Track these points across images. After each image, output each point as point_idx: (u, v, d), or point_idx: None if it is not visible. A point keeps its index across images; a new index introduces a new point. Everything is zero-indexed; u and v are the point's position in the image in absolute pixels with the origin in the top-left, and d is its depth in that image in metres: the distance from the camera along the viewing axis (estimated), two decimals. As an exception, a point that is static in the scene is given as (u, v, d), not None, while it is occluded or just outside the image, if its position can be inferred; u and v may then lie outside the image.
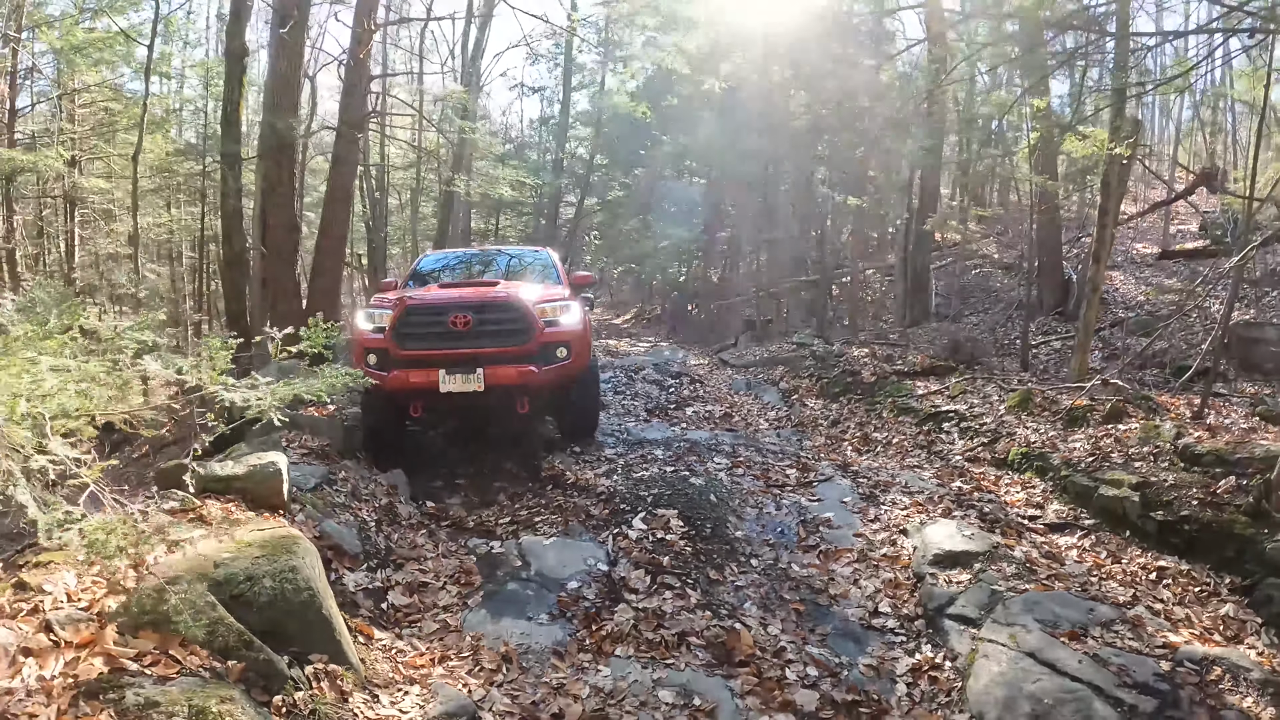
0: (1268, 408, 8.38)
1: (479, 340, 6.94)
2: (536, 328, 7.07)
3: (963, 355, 12.56)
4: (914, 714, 3.80)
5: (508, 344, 7.02)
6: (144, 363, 2.61)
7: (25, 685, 2.57)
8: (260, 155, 12.05)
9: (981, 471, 7.59)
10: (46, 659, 2.72)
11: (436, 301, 7.21)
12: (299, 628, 3.32)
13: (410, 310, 7.05)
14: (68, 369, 2.35)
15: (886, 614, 4.83)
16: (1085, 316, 10.58)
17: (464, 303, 7.08)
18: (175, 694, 2.58)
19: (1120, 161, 10.08)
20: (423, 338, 6.96)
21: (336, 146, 12.05)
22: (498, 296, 7.32)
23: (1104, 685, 3.78)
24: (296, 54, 10.89)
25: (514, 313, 7.14)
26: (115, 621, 2.96)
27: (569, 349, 7.27)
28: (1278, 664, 4.38)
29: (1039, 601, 4.63)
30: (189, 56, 20.58)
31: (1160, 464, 6.61)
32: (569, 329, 7.36)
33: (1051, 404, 8.73)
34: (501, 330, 7.06)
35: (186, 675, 2.75)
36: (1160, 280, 15.62)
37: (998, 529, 5.97)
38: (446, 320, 6.95)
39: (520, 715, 3.50)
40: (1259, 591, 5.04)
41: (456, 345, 6.90)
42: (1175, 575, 5.37)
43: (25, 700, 2.49)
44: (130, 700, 2.54)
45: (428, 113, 18.51)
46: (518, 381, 6.99)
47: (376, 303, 7.55)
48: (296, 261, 11.09)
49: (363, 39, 11.02)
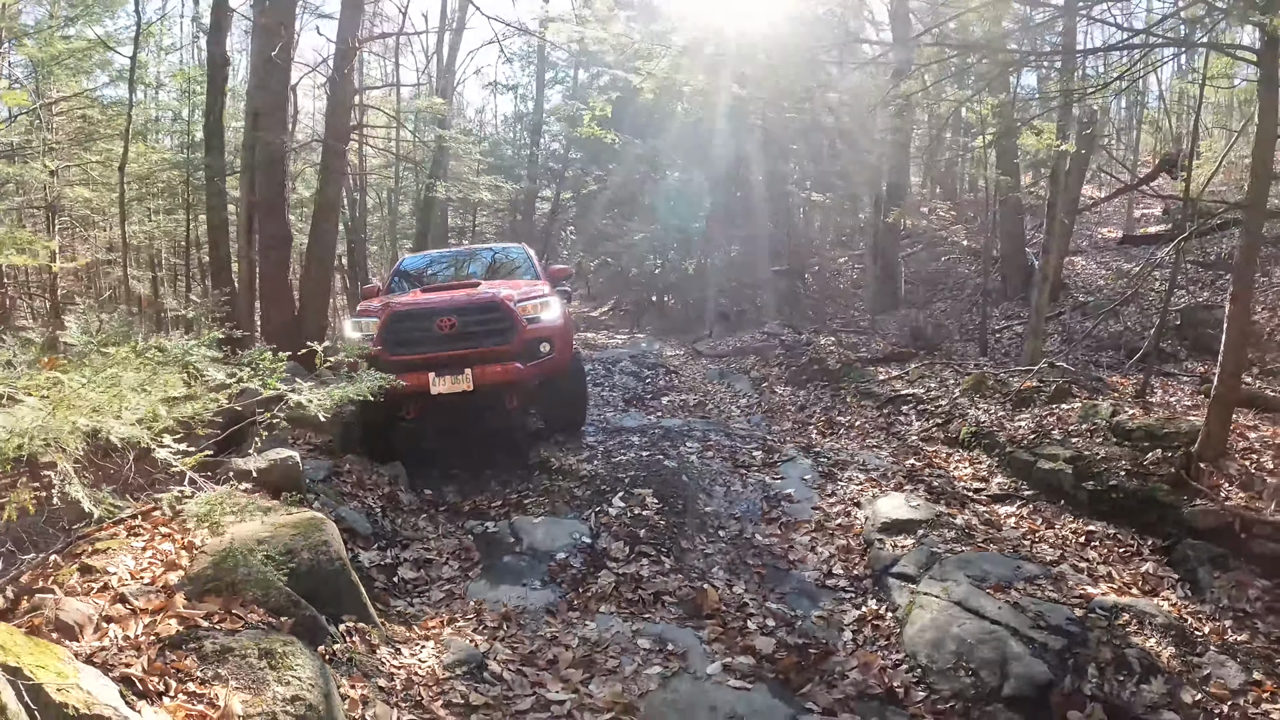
0: (1211, 386, 9.03)
1: (465, 341, 7.12)
2: (519, 326, 7.24)
3: (924, 342, 13.21)
4: (856, 655, 4.41)
5: (493, 344, 7.19)
6: (210, 372, 3.12)
7: (115, 643, 3.06)
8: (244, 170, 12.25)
9: (934, 450, 8.21)
10: (127, 623, 3.23)
11: (421, 306, 7.38)
12: (331, 593, 3.87)
13: (396, 317, 7.23)
14: (153, 381, 2.88)
15: (838, 575, 5.44)
16: (1037, 304, 11.24)
17: (448, 306, 7.27)
18: (245, 641, 3.13)
19: (1068, 157, 10.70)
20: (411, 343, 7.12)
21: (324, 159, 12.38)
22: (480, 298, 7.49)
23: (1020, 627, 4.39)
24: (285, 72, 11.21)
25: (496, 313, 7.32)
26: (182, 590, 3.50)
27: (551, 344, 7.48)
28: (1186, 612, 5.02)
29: (971, 560, 5.25)
30: (164, 62, 20.64)
31: (1095, 439, 7.23)
32: (550, 325, 7.55)
33: (1003, 386, 9.34)
34: (486, 330, 7.23)
35: (249, 629, 3.30)
36: (1120, 265, 16.12)
37: (943, 500, 6.61)
38: (433, 324, 7.14)
39: (520, 662, 4.08)
40: (1177, 551, 5.69)
41: (444, 348, 7.08)
42: (1102, 538, 6.01)
43: (119, 654, 2.98)
44: (208, 648, 3.07)
45: (405, 117, 18.85)
46: (505, 379, 7.18)
47: (363, 312, 7.75)
48: (289, 271, 11.46)
49: (347, 55, 11.38)
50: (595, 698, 3.76)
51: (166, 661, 2.99)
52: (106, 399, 2.57)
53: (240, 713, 2.79)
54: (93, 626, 3.13)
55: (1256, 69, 6.52)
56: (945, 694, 4.03)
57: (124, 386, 2.72)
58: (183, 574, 3.67)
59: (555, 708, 3.67)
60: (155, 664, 2.96)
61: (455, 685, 3.73)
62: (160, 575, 3.69)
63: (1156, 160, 19.32)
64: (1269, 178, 6.85)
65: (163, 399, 2.75)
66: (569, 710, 3.65)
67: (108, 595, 3.39)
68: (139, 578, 3.63)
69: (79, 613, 3.12)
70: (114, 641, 3.08)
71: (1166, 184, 18.44)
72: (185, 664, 2.97)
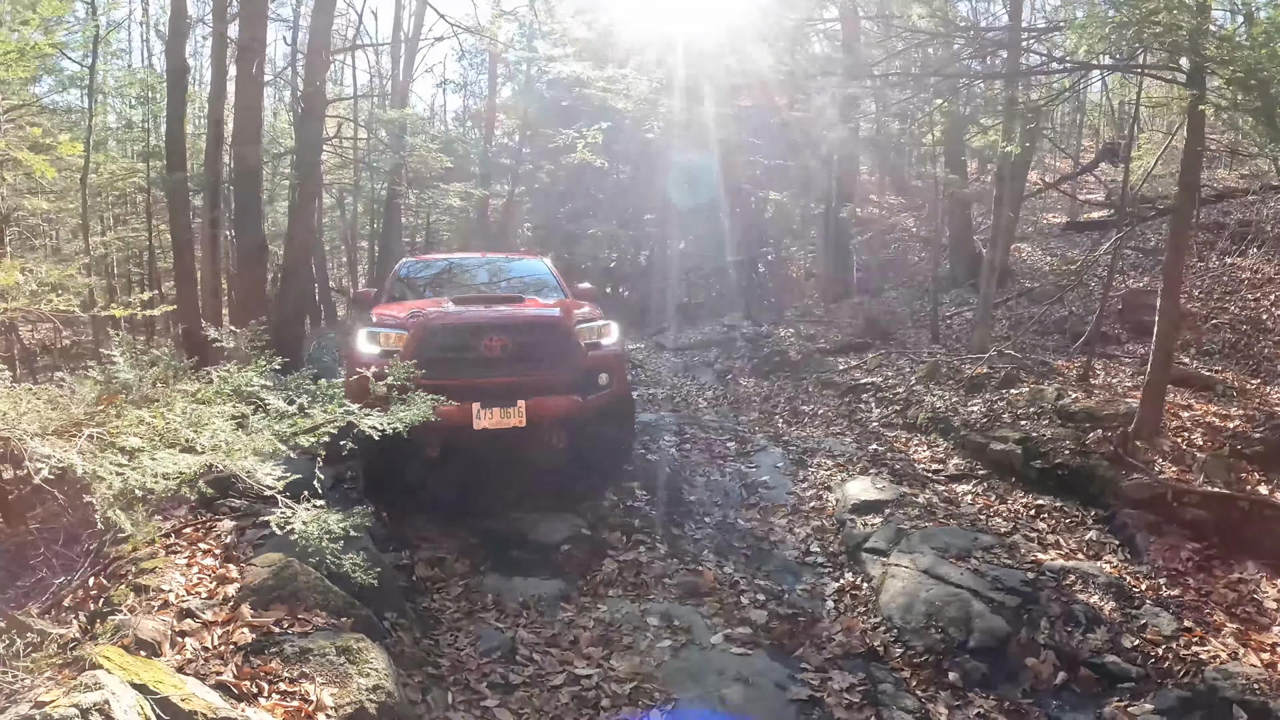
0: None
1: (517, 367, 6.08)
2: (580, 352, 6.30)
3: (878, 331, 13.78)
4: (840, 620, 4.99)
5: (550, 371, 6.16)
6: (270, 400, 3.51)
7: (199, 655, 3.34)
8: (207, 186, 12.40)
9: (895, 435, 8.80)
10: (201, 636, 3.51)
11: (466, 321, 6.28)
12: (374, 593, 4.21)
13: (434, 331, 6.09)
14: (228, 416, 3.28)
15: (816, 553, 6.03)
16: (985, 294, 11.88)
17: (496, 322, 6.26)
18: (321, 642, 3.51)
19: (1012, 156, 11.33)
20: (450, 364, 5.93)
21: (299, 171, 12.53)
22: (540, 316, 6.61)
23: (980, 590, 5.01)
24: (258, 85, 11.33)
25: (557, 334, 6.38)
26: (246, 601, 3.81)
27: (611, 375, 6.52)
28: (1125, 572, 5.65)
29: (934, 534, 5.87)
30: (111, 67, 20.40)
31: (1042, 422, 7.87)
32: (611, 352, 6.65)
33: (956, 373, 9.98)
34: (542, 355, 6.23)
35: (318, 631, 3.67)
36: (1064, 251, 16.54)
37: (906, 482, 7.21)
38: (480, 343, 6.07)
39: (545, 644, 4.57)
40: (1116, 520, 6.37)
41: (492, 373, 6.02)
42: (1050, 510, 6.65)
43: (206, 664, 3.27)
44: (289, 650, 3.43)
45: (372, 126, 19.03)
46: (563, 414, 6.23)
47: (383, 321, 6.43)
48: (266, 279, 11.66)
49: (319, 66, 11.53)
50: (617, 670, 4.26)
51: (253, 666, 3.30)
52: (222, 438, 2.95)
53: (332, 704, 3.17)
54: (168, 642, 3.38)
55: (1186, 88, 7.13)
56: (919, 649, 4.61)
57: (222, 423, 3.10)
58: (238, 586, 3.98)
59: (584, 681, 4.16)
60: (244, 669, 3.27)
61: (494, 668, 4.23)
62: (215, 589, 4.00)
63: (1099, 147, 20.06)
64: (1196, 187, 7.54)
65: (275, 434, 3.13)
66: (597, 683, 4.15)
67: (170, 611, 3.66)
68: (195, 593, 3.92)
69: (154, 630, 3.38)
70: (196, 653, 3.36)
71: (1109, 171, 19.12)
72: (271, 666, 3.31)
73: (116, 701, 2.45)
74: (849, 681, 4.27)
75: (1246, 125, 9.38)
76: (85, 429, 3.28)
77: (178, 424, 3.11)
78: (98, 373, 3.82)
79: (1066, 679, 4.43)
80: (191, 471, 2.74)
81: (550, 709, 3.94)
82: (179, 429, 3.09)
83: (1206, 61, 6.20)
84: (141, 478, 2.73)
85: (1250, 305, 11.56)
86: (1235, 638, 4.81)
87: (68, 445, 3.17)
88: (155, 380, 3.94)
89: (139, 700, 2.54)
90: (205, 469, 2.78)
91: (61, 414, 3.66)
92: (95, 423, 3.45)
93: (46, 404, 3.82)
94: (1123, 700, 4.21)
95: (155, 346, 4.28)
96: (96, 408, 3.69)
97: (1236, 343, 10.74)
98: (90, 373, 3.74)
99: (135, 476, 2.71)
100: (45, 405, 3.83)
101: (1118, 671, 4.46)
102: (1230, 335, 10.91)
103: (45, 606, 3.90)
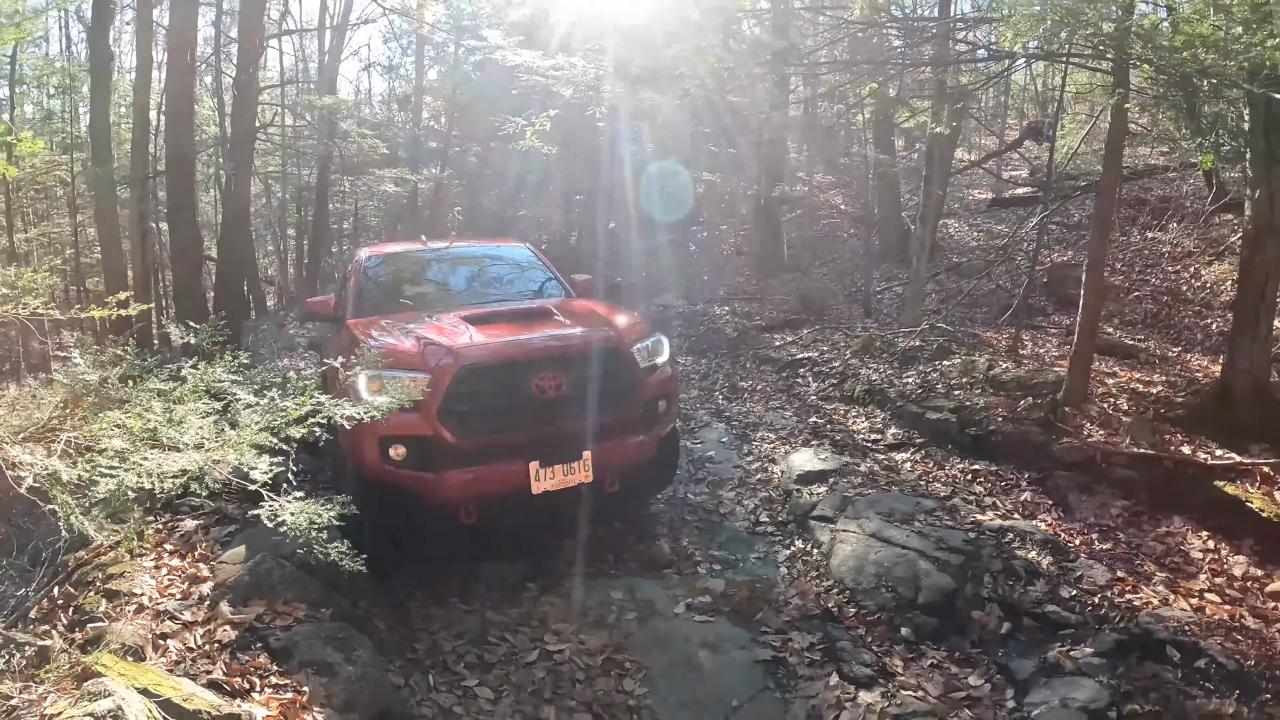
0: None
1: (577, 408, 4.99)
2: (642, 379, 5.37)
3: (812, 307, 14.03)
4: (795, 585, 5.23)
5: (614, 409, 5.16)
6: (239, 394, 3.56)
7: (184, 656, 3.38)
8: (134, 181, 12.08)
9: (833, 408, 9.06)
10: (183, 636, 3.54)
11: (509, 355, 4.98)
12: (348, 583, 4.29)
13: (469, 373, 4.79)
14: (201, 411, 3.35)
15: (766, 522, 6.27)
16: (915, 269, 12.22)
17: (550, 354, 5.03)
18: (306, 632, 3.62)
19: (941, 138, 11.66)
20: (496, 414, 4.84)
21: (233, 157, 12.33)
22: (597, 341, 5.28)
23: (925, 550, 5.29)
24: (191, 73, 11.11)
25: (619, 363, 5.24)
26: (225, 598, 3.85)
27: (669, 401, 5.67)
28: (1060, 530, 6.01)
29: (878, 501, 6.15)
30: (30, 56, 19.72)
31: (975, 391, 8.22)
32: (668, 374, 5.74)
33: (889, 346, 10.29)
34: (605, 390, 5.10)
35: (301, 623, 3.76)
36: (991, 226, 17.18)
37: (847, 452, 7.48)
38: (529, 383, 4.84)
39: (516, 623, 4.70)
40: (1049, 481, 6.75)
41: (548, 421, 4.94)
42: (986, 475, 6.99)
43: (194, 664, 3.32)
44: (275, 644, 3.52)
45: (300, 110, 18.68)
46: (634, 460, 5.32)
47: (390, 359, 4.86)
48: (201, 271, 11.49)
49: (253, 53, 11.34)
50: (588, 644, 4.44)
51: (241, 663, 3.38)
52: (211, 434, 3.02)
53: (325, 693, 3.28)
54: (151, 645, 3.42)
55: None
56: (872, 608, 4.89)
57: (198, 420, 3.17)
58: (213, 584, 4.03)
59: (558, 655, 4.34)
60: (233, 666, 3.35)
61: (469, 649, 4.39)
62: (189, 589, 4.03)
63: (1023, 127, 20.57)
64: (1119, 166, 7.93)
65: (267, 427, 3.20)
66: (569, 656, 4.32)
67: (147, 615, 3.68)
68: (169, 595, 3.95)
69: (135, 635, 3.42)
70: (181, 655, 3.40)
71: (1033, 149, 19.62)
72: (259, 661, 3.40)
73: (127, 707, 2.46)
74: (809, 641, 4.52)
75: (1168, 119, 9.91)
76: (61, 433, 3.33)
77: (157, 423, 3.16)
78: (64, 375, 3.84)
79: (1011, 629, 4.76)
80: (196, 469, 2.80)
81: (528, 684, 4.10)
82: (159, 428, 3.14)
83: (1131, 59, 6.54)
84: (138, 479, 2.77)
85: (1171, 277, 12.16)
86: (1165, 585, 5.22)
87: (47, 451, 3.22)
88: (120, 380, 3.96)
89: (146, 704, 2.55)
90: (210, 465, 2.84)
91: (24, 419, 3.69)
92: (69, 427, 3.49)
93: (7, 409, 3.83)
94: (1064, 645, 4.52)
95: (114, 345, 4.26)
96: (65, 411, 3.72)
97: (1158, 313, 11.32)
98: (57, 376, 3.78)
99: (131, 479, 2.76)
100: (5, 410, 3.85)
101: (1058, 619, 4.79)
102: (1152, 306, 11.49)
103: (11, 620, 3.83)
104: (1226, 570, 5.49)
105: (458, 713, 3.82)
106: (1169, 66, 5.90)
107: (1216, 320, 10.58)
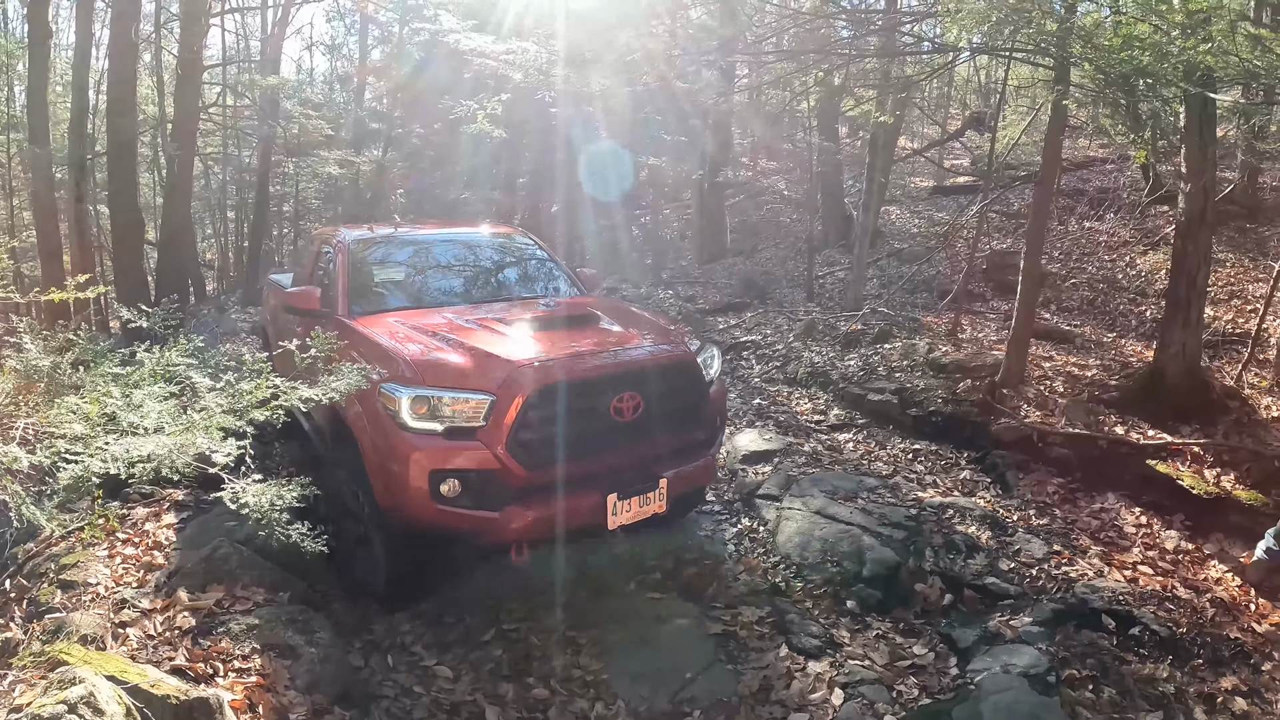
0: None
1: (651, 431, 4.54)
2: (707, 394, 4.95)
3: (755, 291, 14.22)
4: (742, 561, 5.37)
5: (685, 430, 4.78)
6: (196, 378, 3.57)
7: (145, 644, 3.40)
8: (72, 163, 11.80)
9: (777, 390, 9.24)
10: (143, 623, 3.56)
11: (586, 373, 4.36)
12: (304, 566, 4.36)
13: (543, 394, 4.14)
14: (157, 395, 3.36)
15: (712, 502, 6.38)
16: (858, 254, 12.49)
17: (627, 372, 4.47)
18: (267, 615, 3.67)
19: (884, 127, 11.88)
20: (571, 441, 4.23)
21: (176, 138, 12.13)
22: (671, 356, 4.81)
23: (869, 526, 5.50)
24: (134, 52, 10.88)
25: (689, 378, 4.82)
26: (182, 585, 3.89)
27: (721, 416, 5.37)
28: (998, 506, 6.26)
29: (822, 479, 6.36)
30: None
31: (915, 374, 8.49)
32: (723, 388, 5.42)
33: (832, 330, 10.55)
34: (677, 409, 4.71)
35: (261, 607, 3.82)
36: (932, 214, 17.53)
37: (791, 433, 7.68)
38: (608, 406, 4.32)
39: (469, 603, 4.74)
40: (988, 461, 7.03)
41: (624, 446, 4.47)
42: (927, 454, 7.24)
43: (155, 651, 3.35)
44: (235, 629, 3.56)
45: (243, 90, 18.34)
46: (703, 484, 5.16)
47: (434, 374, 4.20)
48: (143, 252, 11.27)
49: (197, 32, 11.16)
50: (543, 623, 4.52)
51: (203, 648, 3.43)
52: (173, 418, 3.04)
53: (288, 676, 3.34)
54: (110, 634, 3.43)
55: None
56: (818, 582, 5.05)
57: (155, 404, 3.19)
58: (168, 571, 4.05)
59: (513, 634, 4.41)
60: (195, 652, 3.39)
61: (425, 630, 4.44)
62: (144, 577, 4.07)
63: (964, 116, 20.99)
64: (1058, 158, 8.22)
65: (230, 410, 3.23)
66: (525, 635, 4.40)
67: (105, 604, 3.71)
68: (124, 584, 3.99)
69: (94, 624, 3.43)
70: (142, 642, 3.42)
71: (974, 138, 20.01)
72: (221, 646, 3.44)
73: (98, 694, 2.46)
74: (758, 615, 4.66)
75: (1105, 116, 10.24)
76: (18, 419, 3.32)
77: (116, 408, 3.17)
78: (15, 361, 3.82)
79: (953, 600, 4.97)
80: (166, 453, 2.82)
81: (486, 661, 4.18)
82: (118, 413, 3.16)
83: (1072, 57, 6.77)
84: (103, 465, 2.79)
85: (1107, 265, 12.55)
86: (1100, 558, 5.50)
87: (3, 438, 3.21)
88: (73, 365, 3.95)
89: (115, 690, 2.55)
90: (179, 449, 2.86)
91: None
92: (23, 413, 3.48)
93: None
94: (1004, 615, 4.75)
95: (63, 330, 4.24)
96: (18, 398, 3.71)
97: (1094, 300, 11.69)
98: (9, 361, 3.75)
99: (97, 464, 2.78)
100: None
101: (998, 591, 5.02)
102: (1088, 293, 11.86)
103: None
104: (1159, 544, 5.79)
105: (418, 692, 3.88)
106: (1108, 65, 6.13)
107: (1150, 307, 10.98)
